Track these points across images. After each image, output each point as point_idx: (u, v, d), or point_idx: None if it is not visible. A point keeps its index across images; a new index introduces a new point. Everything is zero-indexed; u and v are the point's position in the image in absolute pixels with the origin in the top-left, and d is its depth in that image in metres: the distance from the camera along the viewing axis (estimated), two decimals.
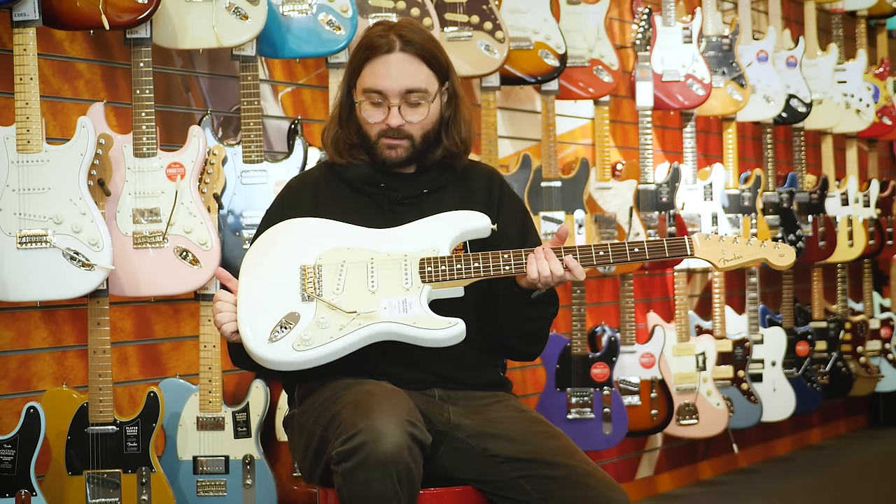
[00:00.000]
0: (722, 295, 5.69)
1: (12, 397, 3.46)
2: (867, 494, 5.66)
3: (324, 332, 2.61)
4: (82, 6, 3.36)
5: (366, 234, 2.72)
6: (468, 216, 2.73)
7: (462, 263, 2.66)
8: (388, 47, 2.76)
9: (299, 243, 2.71)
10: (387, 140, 2.76)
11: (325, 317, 2.62)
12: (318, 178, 2.88)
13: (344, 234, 2.72)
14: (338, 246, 2.70)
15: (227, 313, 2.67)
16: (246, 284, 2.68)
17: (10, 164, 3.28)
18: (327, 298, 2.63)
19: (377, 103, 2.76)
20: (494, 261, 2.66)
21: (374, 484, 2.43)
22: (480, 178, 2.89)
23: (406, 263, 2.66)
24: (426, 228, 2.72)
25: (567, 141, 5.28)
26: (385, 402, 2.51)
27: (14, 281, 3.26)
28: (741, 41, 5.67)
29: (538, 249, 2.66)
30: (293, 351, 2.60)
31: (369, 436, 2.44)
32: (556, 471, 2.59)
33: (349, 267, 2.67)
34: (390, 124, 2.75)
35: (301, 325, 2.61)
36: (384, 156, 2.78)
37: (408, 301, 2.63)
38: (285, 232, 2.75)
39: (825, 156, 6.64)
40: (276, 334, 2.61)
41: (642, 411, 5.06)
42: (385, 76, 2.75)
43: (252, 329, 2.63)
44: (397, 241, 2.70)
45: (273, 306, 2.64)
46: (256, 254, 2.73)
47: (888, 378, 6.88)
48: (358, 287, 2.65)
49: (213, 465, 3.61)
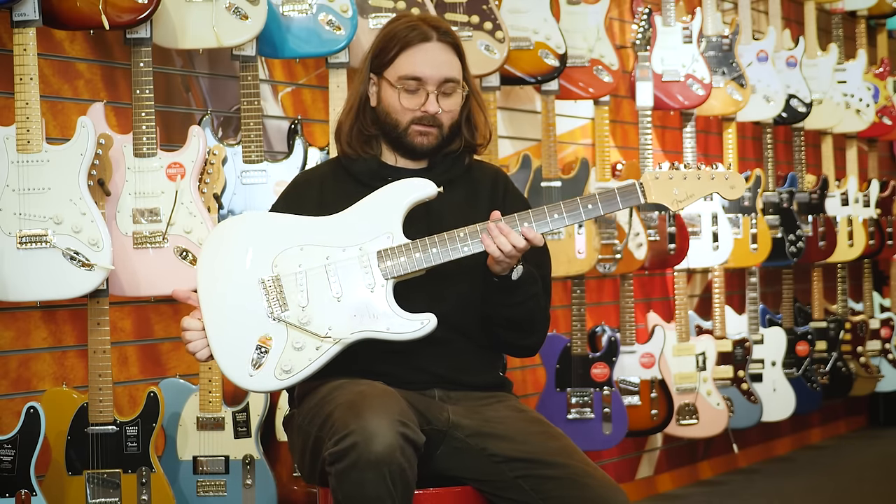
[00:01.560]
0: (722, 295, 5.69)
1: (12, 397, 3.46)
2: (867, 494, 5.66)
3: (301, 355, 2.62)
4: (82, 6, 3.36)
5: (314, 225, 2.69)
6: (410, 186, 2.70)
7: (420, 251, 2.64)
8: (426, 37, 2.78)
9: (250, 250, 2.68)
10: (419, 127, 2.77)
11: (299, 339, 2.62)
12: (326, 173, 2.88)
13: (292, 230, 2.69)
14: (290, 246, 2.67)
15: (198, 342, 2.68)
16: (209, 308, 2.66)
17: (10, 164, 3.28)
18: (295, 319, 2.62)
19: (413, 90, 2.77)
20: (451, 241, 2.64)
21: (367, 485, 2.43)
22: (486, 175, 2.89)
23: (364, 258, 2.65)
24: (374, 209, 2.69)
25: (567, 141, 5.28)
26: (377, 402, 2.51)
27: (14, 281, 3.26)
28: (741, 41, 5.67)
29: (491, 226, 2.63)
30: (276, 380, 2.62)
31: (360, 437, 2.43)
32: (554, 471, 2.59)
33: (308, 274, 2.65)
34: (428, 111, 2.76)
35: (276, 350, 2.62)
36: (414, 142, 2.78)
37: (375, 304, 2.62)
38: (230, 238, 2.72)
39: (825, 156, 6.64)
40: (254, 364, 2.62)
41: (642, 411, 5.06)
42: (425, 64, 2.76)
43: (230, 364, 2.63)
44: (350, 230, 2.68)
45: (243, 332, 2.64)
46: (208, 268, 2.69)
47: (888, 378, 6.88)
48: (322, 296, 2.63)
49: (213, 465, 3.61)
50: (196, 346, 2.68)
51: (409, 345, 2.66)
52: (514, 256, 2.65)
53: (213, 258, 2.70)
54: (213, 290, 2.67)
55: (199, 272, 2.70)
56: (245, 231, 2.73)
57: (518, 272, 2.70)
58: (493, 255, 2.64)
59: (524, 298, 2.74)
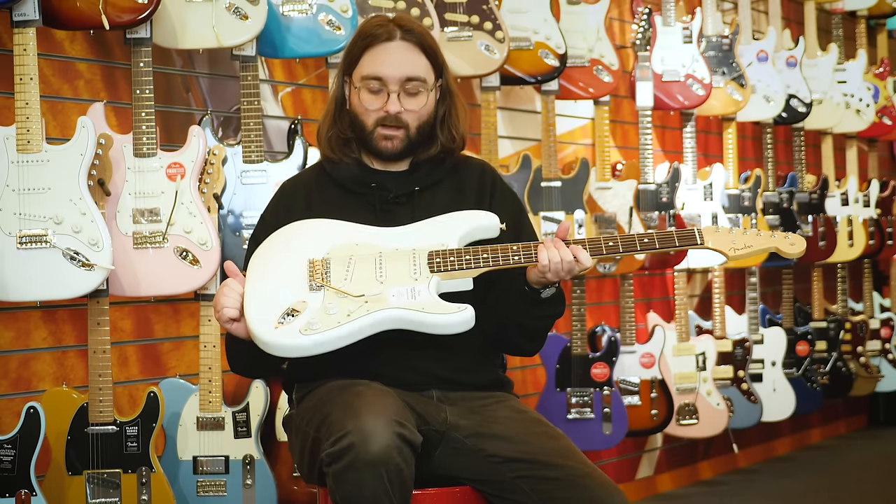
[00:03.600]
0: (722, 295, 5.69)
1: (12, 397, 3.46)
2: (867, 494, 5.66)
3: (331, 317, 2.57)
4: (82, 6, 3.36)
5: (375, 231, 2.73)
6: (478, 214, 2.74)
7: (471, 255, 2.65)
8: (388, 36, 2.77)
9: (309, 240, 2.71)
10: (383, 130, 2.76)
11: (333, 303, 2.59)
12: (310, 180, 2.88)
13: (354, 231, 2.72)
14: (347, 242, 2.70)
15: (230, 297, 2.64)
16: (254, 277, 2.67)
17: (10, 164, 3.28)
18: (336, 285, 2.62)
19: (376, 91, 2.76)
20: (504, 251, 2.66)
21: (364, 485, 2.42)
22: (472, 172, 2.88)
23: (415, 255, 2.66)
24: (435, 226, 2.72)
25: (567, 141, 5.28)
26: (373, 402, 2.50)
27: (14, 281, 3.26)
28: (741, 41, 5.67)
29: (548, 239, 2.67)
30: (299, 335, 2.55)
31: (357, 437, 2.43)
32: (553, 471, 2.59)
33: (357, 259, 2.66)
34: (389, 111, 2.75)
35: (308, 312, 2.59)
36: (379, 147, 2.78)
37: (416, 289, 2.61)
38: (295, 231, 2.75)
39: (825, 156, 6.64)
40: (282, 320, 2.58)
41: (642, 411, 5.06)
42: (385, 63, 2.76)
43: (258, 316, 2.60)
44: (406, 238, 2.70)
45: (280, 296, 2.62)
46: (265, 250, 2.73)
47: (888, 378, 6.88)
48: (366, 277, 2.63)
49: (213, 465, 3.61)
50: (226, 300, 2.63)
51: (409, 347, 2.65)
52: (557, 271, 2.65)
53: (277, 240, 2.73)
54: (265, 260, 2.69)
55: (259, 249, 2.73)
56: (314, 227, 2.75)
57: (549, 291, 2.72)
58: (541, 263, 2.64)
59: (546, 315, 2.77)
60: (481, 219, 2.73)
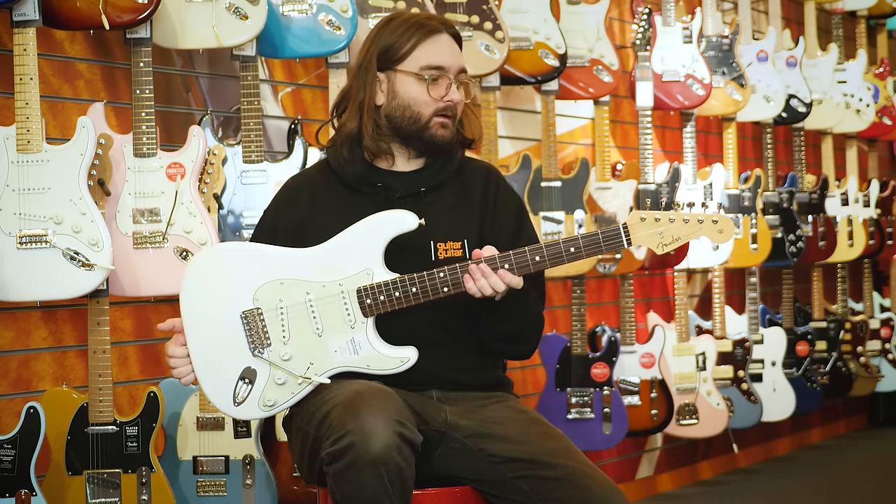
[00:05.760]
0: (722, 295, 5.69)
1: (12, 397, 3.46)
2: (867, 494, 5.66)
3: (284, 389, 2.65)
4: (82, 6, 3.36)
5: (294, 257, 2.68)
6: (391, 220, 2.67)
7: (399, 290, 2.63)
8: (438, 29, 2.79)
9: (231, 279, 2.69)
10: (440, 119, 2.76)
11: (281, 375, 2.65)
12: (315, 177, 2.87)
13: (272, 263, 2.68)
14: (271, 279, 2.67)
15: (182, 368, 2.71)
16: (193, 340, 2.69)
17: (10, 164, 3.28)
18: (277, 356, 2.64)
19: (437, 82, 2.76)
20: (431, 282, 2.63)
21: (364, 484, 2.43)
22: (477, 174, 2.87)
23: (344, 297, 2.65)
24: (354, 243, 2.67)
25: (567, 141, 5.28)
26: (373, 401, 2.50)
27: (14, 281, 3.26)
28: (741, 41, 5.67)
29: (472, 268, 2.62)
30: (261, 410, 2.67)
31: (358, 436, 2.43)
32: (553, 472, 2.59)
33: (289, 311, 2.65)
34: (453, 99, 2.76)
35: (259, 385, 2.66)
36: (436, 136, 2.76)
37: (356, 340, 2.64)
38: (210, 270, 2.72)
39: (825, 156, 6.64)
40: (238, 395, 2.66)
41: (642, 411, 5.06)
42: (445, 53, 2.78)
43: (216, 395, 2.68)
44: (329, 264, 2.67)
45: (227, 364, 2.66)
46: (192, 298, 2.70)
47: (888, 378, 6.88)
48: (304, 331, 2.65)
49: (213, 465, 3.61)
50: (181, 371, 2.72)
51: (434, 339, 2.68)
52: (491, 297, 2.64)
53: (195, 290, 2.71)
54: (196, 323, 2.69)
55: (182, 304, 2.71)
56: (225, 262, 2.73)
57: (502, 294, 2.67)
58: (472, 294, 2.63)
59: (513, 314, 2.72)
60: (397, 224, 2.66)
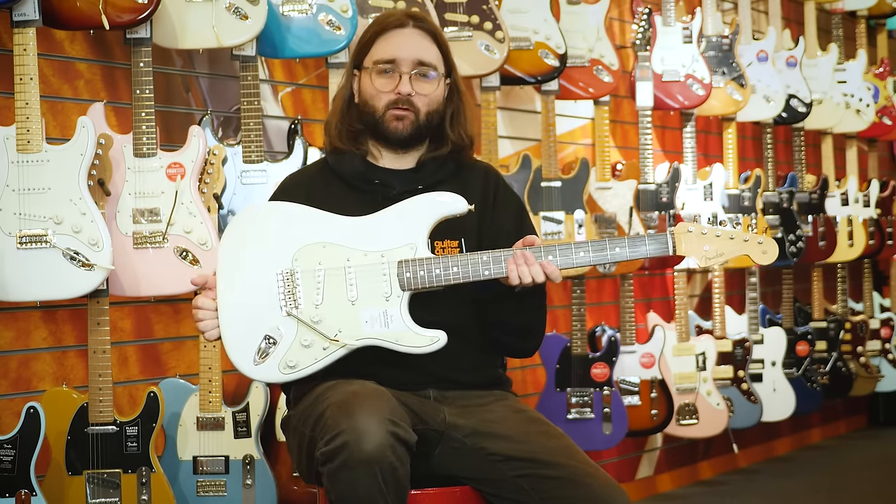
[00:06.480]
0: (722, 295, 5.69)
1: (12, 397, 3.46)
2: (867, 494, 5.66)
3: (308, 353, 2.63)
4: (82, 6, 3.36)
5: (340, 224, 2.69)
6: (444, 201, 2.69)
7: (441, 268, 2.64)
8: (401, 23, 2.81)
9: (273, 238, 2.69)
10: (394, 111, 2.77)
11: (308, 337, 2.63)
12: (313, 174, 2.88)
13: (317, 225, 2.69)
14: (312, 241, 2.67)
15: (208, 321, 2.69)
16: (225, 292, 2.67)
17: (10, 164, 3.28)
18: (308, 316, 2.63)
19: (388, 74, 2.78)
20: (473, 265, 2.64)
21: (358, 484, 2.42)
22: (476, 173, 2.88)
23: (384, 266, 2.65)
24: (402, 217, 2.68)
25: (567, 141, 5.28)
26: (367, 401, 2.50)
27: (14, 281, 3.26)
28: (741, 41, 5.67)
29: (517, 254, 2.64)
30: (279, 373, 2.64)
31: (351, 436, 2.43)
32: (555, 471, 2.59)
33: (326, 274, 2.65)
34: (401, 91, 2.76)
35: (284, 345, 2.64)
36: (389, 128, 2.78)
37: (388, 313, 2.64)
38: (256, 224, 2.72)
39: (825, 156, 6.64)
40: (261, 353, 2.64)
41: (642, 411, 5.06)
42: (398, 46, 2.78)
43: (237, 349, 2.65)
44: (373, 234, 2.67)
45: (254, 321, 2.65)
46: (230, 251, 2.70)
47: (888, 378, 6.88)
48: (337, 297, 2.64)
49: (213, 465, 3.61)
50: (207, 325, 2.69)
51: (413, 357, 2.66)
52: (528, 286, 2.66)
53: (237, 242, 2.70)
54: (232, 274, 2.68)
55: (220, 253, 2.70)
56: (273, 219, 2.73)
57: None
58: (511, 281, 2.64)
59: (529, 308, 2.76)
60: (448, 205, 2.68)
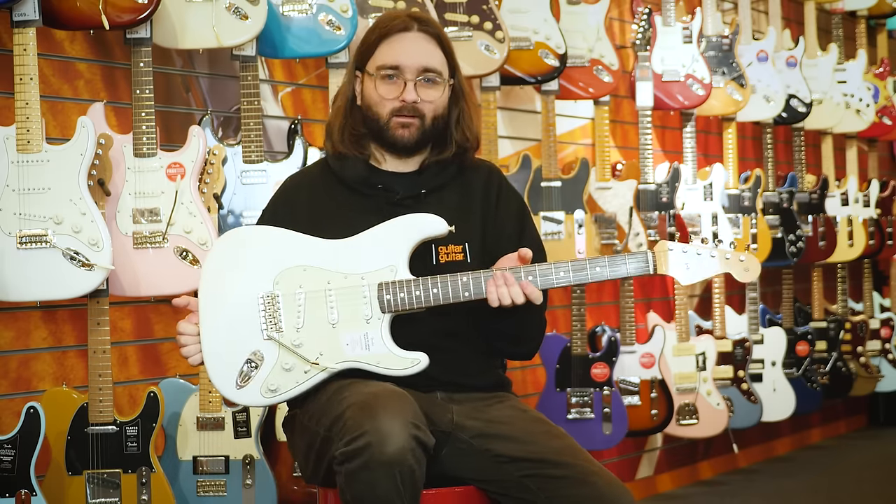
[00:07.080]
0: (722, 295, 5.69)
1: (12, 397, 3.46)
2: (867, 494, 5.66)
3: (289, 376, 2.63)
4: (82, 6, 3.36)
5: (321, 248, 2.68)
6: (423, 223, 2.67)
7: (421, 290, 2.63)
8: (405, 27, 2.77)
9: (254, 261, 2.68)
10: (399, 118, 2.74)
11: (289, 361, 2.63)
12: (315, 177, 2.86)
13: (298, 249, 2.68)
14: (293, 265, 2.66)
15: (191, 347, 2.68)
16: (207, 316, 2.67)
17: (10, 164, 3.28)
18: (288, 340, 2.63)
19: (392, 80, 2.75)
20: (454, 286, 2.63)
21: (377, 485, 2.43)
22: (479, 175, 2.86)
23: (364, 288, 2.64)
24: (382, 239, 2.67)
25: (567, 141, 5.28)
26: (390, 403, 2.50)
27: (14, 281, 3.26)
28: (741, 41, 5.67)
29: (497, 275, 2.63)
30: (262, 397, 2.65)
31: (374, 437, 2.43)
32: (561, 470, 2.59)
33: (307, 297, 2.64)
34: (406, 99, 2.73)
35: (265, 369, 2.63)
36: (395, 136, 2.75)
37: (369, 336, 2.63)
38: (239, 246, 2.72)
39: (825, 156, 6.64)
40: (242, 377, 2.64)
41: (642, 411, 5.06)
42: (403, 52, 2.75)
43: (219, 374, 2.65)
44: (354, 257, 2.66)
45: (236, 345, 2.64)
46: (212, 275, 2.69)
47: (888, 378, 6.88)
48: (318, 320, 2.64)
49: (213, 465, 3.61)
50: (189, 350, 2.69)
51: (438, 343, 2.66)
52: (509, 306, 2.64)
53: (219, 266, 2.70)
54: (213, 299, 2.68)
55: (202, 277, 2.70)
56: (254, 243, 2.72)
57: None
58: (490, 303, 2.63)
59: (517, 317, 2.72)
60: (427, 227, 2.67)
